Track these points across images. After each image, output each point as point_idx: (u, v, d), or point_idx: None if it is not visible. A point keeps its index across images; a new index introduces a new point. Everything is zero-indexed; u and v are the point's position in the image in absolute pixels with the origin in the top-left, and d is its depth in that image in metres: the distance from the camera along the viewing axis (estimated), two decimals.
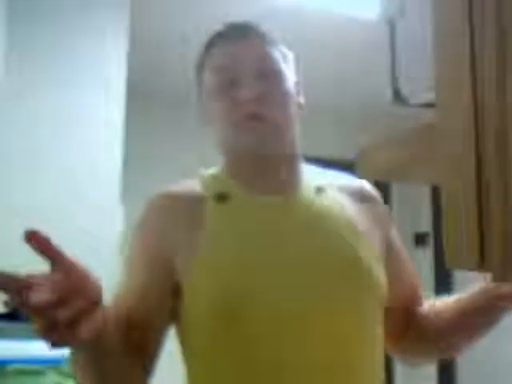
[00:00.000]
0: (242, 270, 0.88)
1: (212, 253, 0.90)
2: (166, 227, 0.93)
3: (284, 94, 0.97)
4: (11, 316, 1.92)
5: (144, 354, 0.91)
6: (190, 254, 0.90)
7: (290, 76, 1.01)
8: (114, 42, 2.51)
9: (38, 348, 1.70)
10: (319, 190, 0.99)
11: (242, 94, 0.93)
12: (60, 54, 2.41)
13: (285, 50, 1.03)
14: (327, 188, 1.00)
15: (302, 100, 1.04)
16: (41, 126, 2.35)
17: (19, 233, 0.65)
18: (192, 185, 0.99)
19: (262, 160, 0.96)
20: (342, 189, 1.02)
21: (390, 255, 1.00)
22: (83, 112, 2.41)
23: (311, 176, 1.02)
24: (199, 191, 0.97)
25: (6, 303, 0.63)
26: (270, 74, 0.97)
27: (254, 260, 0.89)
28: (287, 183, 0.98)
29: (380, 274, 0.93)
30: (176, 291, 0.91)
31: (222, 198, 0.96)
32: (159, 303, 0.92)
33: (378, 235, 0.99)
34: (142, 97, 3.70)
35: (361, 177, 1.11)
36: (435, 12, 0.45)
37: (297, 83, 1.04)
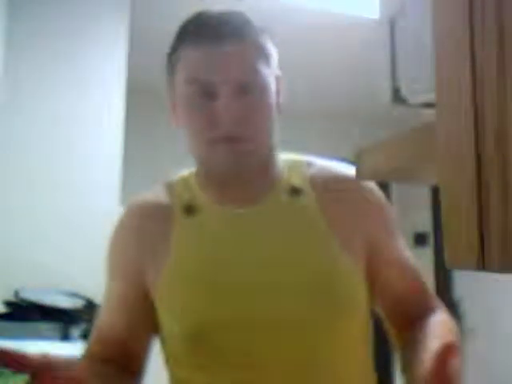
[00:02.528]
0: (205, 288, 0.87)
1: (177, 270, 0.89)
2: (137, 243, 0.94)
3: (265, 112, 0.88)
4: (11, 316, 1.92)
5: (134, 365, 0.95)
6: (158, 271, 0.90)
7: (272, 82, 0.91)
8: (114, 41, 2.51)
9: (38, 348, 1.70)
10: (294, 193, 0.94)
11: (220, 112, 0.84)
12: (60, 54, 2.41)
13: (269, 46, 0.91)
14: (304, 189, 0.94)
15: (281, 99, 0.95)
16: (40, 126, 2.34)
17: (19, 233, 0.65)
18: (161, 195, 0.97)
19: (234, 173, 0.90)
20: (324, 184, 0.95)
21: (375, 252, 0.94)
22: (83, 112, 2.41)
23: (290, 173, 0.96)
24: (167, 203, 0.95)
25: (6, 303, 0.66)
26: (252, 90, 0.86)
27: (217, 277, 0.87)
28: (259, 191, 0.93)
29: (353, 283, 0.89)
30: (152, 305, 0.93)
31: (189, 210, 0.93)
32: (138, 317, 0.94)
33: (360, 233, 0.93)
34: (142, 97, 3.70)
35: (360, 177, 1.08)
36: (435, 12, 0.45)
37: (278, 79, 0.94)
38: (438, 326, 0.87)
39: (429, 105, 0.51)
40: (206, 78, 0.85)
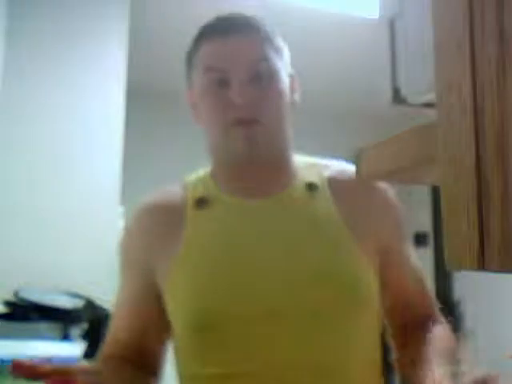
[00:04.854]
0: (214, 279, 0.88)
1: (187, 262, 0.90)
2: (148, 240, 0.95)
3: (277, 98, 0.92)
4: (11, 316, 1.92)
5: (150, 365, 0.96)
6: (168, 265, 0.91)
7: (284, 73, 0.95)
8: (114, 41, 2.51)
9: (38, 348, 1.70)
10: (311, 188, 0.95)
11: (232, 98, 0.88)
12: (60, 54, 2.41)
13: (280, 42, 0.97)
14: (320, 186, 0.95)
15: (296, 96, 0.99)
16: (41, 127, 2.35)
17: (20, 234, 0.65)
18: (175, 192, 0.98)
19: (249, 164, 0.92)
20: (341, 184, 0.96)
21: (385, 253, 0.95)
22: (83, 112, 2.41)
23: (306, 172, 0.97)
24: (180, 198, 0.96)
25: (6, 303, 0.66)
26: (263, 76, 0.91)
27: (227, 268, 0.88)
28: (275, 184, 0.95)
29: (363, 282, 0.90)
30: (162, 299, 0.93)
31: (201, 203, 0.94)
32: (151, 317, 0.95)
33: (373, 234, 0.94)
34: (142, 97, 3.70)
35: (360, 177, 1.08)
36: (435, 12, 0.45)
37: (291, 78, 0.99)
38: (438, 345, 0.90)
39: (429, 105, 0.51)
40: (220, 65, 0.91)
